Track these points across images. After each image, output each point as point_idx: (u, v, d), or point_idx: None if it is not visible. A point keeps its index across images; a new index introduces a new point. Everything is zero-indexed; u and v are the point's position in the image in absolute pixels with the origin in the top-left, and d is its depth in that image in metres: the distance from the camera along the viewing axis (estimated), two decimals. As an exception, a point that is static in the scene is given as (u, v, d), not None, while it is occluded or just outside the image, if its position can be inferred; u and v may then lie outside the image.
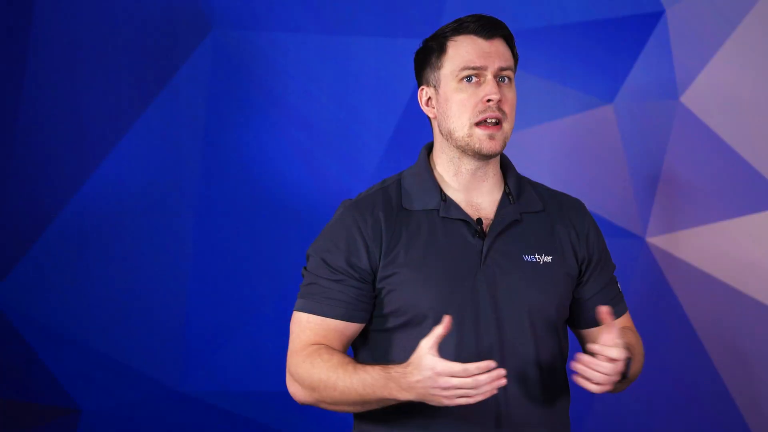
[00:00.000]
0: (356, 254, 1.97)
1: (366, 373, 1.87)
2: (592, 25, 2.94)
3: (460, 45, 2.01)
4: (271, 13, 3.02)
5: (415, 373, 1.80)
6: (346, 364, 1.90)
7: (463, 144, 2.00)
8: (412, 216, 2.01)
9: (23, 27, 3.01)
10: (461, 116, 1.99)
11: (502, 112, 1.98)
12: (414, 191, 2.03)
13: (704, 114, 2.88)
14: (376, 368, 1.87)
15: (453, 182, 2.04)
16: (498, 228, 2.00)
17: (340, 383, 1.88)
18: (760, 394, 2.90)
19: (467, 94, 1.99)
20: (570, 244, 2.06)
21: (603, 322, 1.90)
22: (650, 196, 2.92)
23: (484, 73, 1.99)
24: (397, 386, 1.83)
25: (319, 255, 2.00)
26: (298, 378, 1.94)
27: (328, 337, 1.97)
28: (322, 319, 1.97)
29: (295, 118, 3.02)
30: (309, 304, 1.98)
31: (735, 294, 2.88)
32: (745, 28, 2.85)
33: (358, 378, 1.87)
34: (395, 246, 1.97)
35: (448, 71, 2.01)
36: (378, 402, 1.88)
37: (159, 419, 3.06)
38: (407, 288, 1.96)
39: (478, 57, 1.99)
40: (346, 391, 1.88)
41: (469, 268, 1.97)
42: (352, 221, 2.00)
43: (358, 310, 1.98)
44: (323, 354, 1.93)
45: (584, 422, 2.93)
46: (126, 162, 3.02)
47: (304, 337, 1.97)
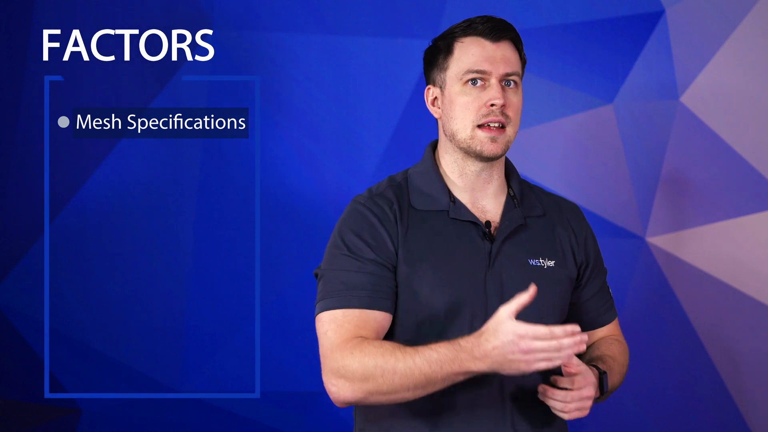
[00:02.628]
0: (383, 245, 1.96)
1: (430, 350, 1.82)
2: (592, 25, 2.93)
3: (466, 47, 2.00)
4: (271, 13, 3.02)
5: (491, 339, 1.77)
6: (403, 347, 1.84)
7: (465, 146, 2.00)
8: (422, 215, 2.00)
9: (23, 26, 3.01)
10: (464, 119, 1.98)
11: (506, 117, 1.98)
12: (423, 191, 2.03)
13: (704, 114, 2.88)
14: (441, 343, 1.83)
15: (459, 182, 2.04)
16: (506, 232, 2.01)
17: (401, 365, 1.82)
18: (760, 394, 2.90)
19: (471, 97, 1.98)
20: (570, 248, 2.07)
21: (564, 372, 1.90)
22: (650, 196, 2.92)
23: (488, 76, 1.98)
24: (469, 356, 1.79)
25: (343, 249, 1.97)
26: (346, 371, 1.86)
27: (367, 329, 1.91)
28: (360, 311, 1.92)
29: (295, 118, 3.02)
30: (343, 299, 1.93)
31: (735, 294, 2.87)
32: (745, 28, 2.85)
33: (421, 357, 1.81)
34: (410, 243, 1.97)
35: (454, 73, 2.01)
36: (444, 379, 1.82)
37: (159, 419, 3.06)
38: (423, 285, 1.95)
39: (483, 60, 1.98)
40: (408, 373, 1.81)
41: (478, 270, 1.97)
42: (372, 214, 1.98)
43: (390, 299, 1.95)
44: (372, 342, 1.87)
45: (584, 422, 2.92)
46: (126, 162, 3.01)
47: (343, 331, 1.91)
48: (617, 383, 2.06)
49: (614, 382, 2.04)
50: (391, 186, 2.05)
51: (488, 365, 1.78)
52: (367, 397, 1.86)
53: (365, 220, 1.98)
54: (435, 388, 1.84)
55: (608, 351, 2.08)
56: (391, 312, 1.95)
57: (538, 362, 1.77)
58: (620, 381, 2.09)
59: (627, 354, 2.13)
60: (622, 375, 2.09)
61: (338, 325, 1.92)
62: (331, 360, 1.89)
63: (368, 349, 1.85)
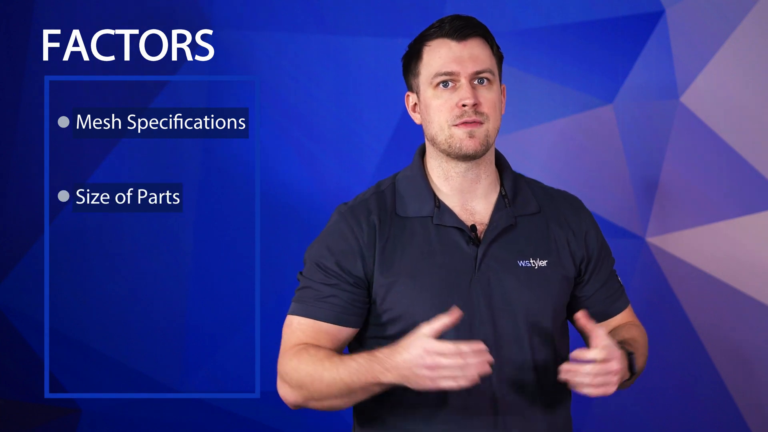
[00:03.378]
0: (351, 260, 1.97)
1: (352, 360, 1.86)
2: (592, 25, 2.93)
3: (433, 50, 1.99)
4: (271, 13, 3.02)
5: (402, 353, 1.79)
6: (332, 356, 1.89)
7: (445, 147, 1.98)
8: (406, 222, 2.00)
9: (23, 26, 3.01)
10: (440, 121, 1.97)
11: (481, 115, 1.96)
12: (408, 197, 2.02)
13: (704, 114, 2.88)
14: (363, 354, 1.86)
15: (444, 186, 2.02)
16: (492, 234, 1.99)
17: (327, 375, 1.87)
18: (760, 394, 2.90)
19: (443, 100, 1.97)
20: (567, 246, 2.05)
21: (584, 329, 1.88)
22: (650, 196, 2.92)
23: (458, 77, 1.96)
24: (381, 367, 1.82)
25: (314, 260, 2.00)
26: (286, 377, 1.94)
27: (319, 340, 1.96)
28: (313, 321, 1.97)
29: (295, 118, 3.02)
30: (301, 307, 1.98)
31: (735, 294, 2.87)
32: (745, 28, 2.85)
33: (345, 366, 1.86)
34: (390, 253, 1.97)
35: (425, 78, 2.00)
36: (363, 389, 1.86)
37: (159, 419, 3.06)
38: (402, 297, 1.95)
39: (450, 62, 1.96)
40: (332, 382, 1.86)
41: (463, 276, 1.96)
42: (348, 227, 1.99)
43: (351, 314, 1.97)
44: (310, 350, 1.92)
45: (584, 422, 2.92)
46: (126, 162, 3.02)
47: (294, 338, 1.97)
48: (642, 366, 2.02)
49: (639, 364, 2.00)
50: (376, 194, 2.05)
51: (395, 377, 1.81)
52: (306, 402, 1.94)
53: (339, 233, 1.99)
54: (358, 398, 1.88)
55: (628, 335, 2.04)
56: (353, 326, 1.98)
57: (443, 379, 1.77)
58: (644, 364, 2.04)
59: (646, 337, 2.10)
60: (645, 357, 2.05)
61: (291, 331, 1.98)
62: (280, 364, 1.97)
63: (304, 356, 1.91)
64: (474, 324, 1.94)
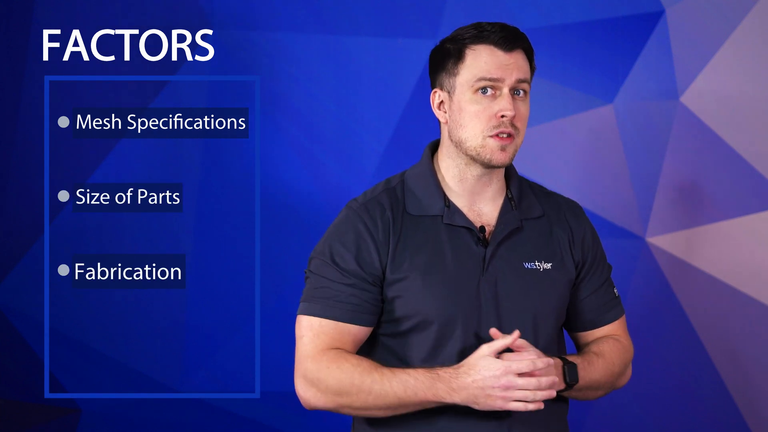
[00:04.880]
0: (368, 257, 1.96)
1: (407, 375, 1.86)
2: (592, 25, 2.94)
3: (478, 54, 1.97)
4: (271, 13, 3.02)
5: (471, 373, 1.82)
6: (380, 368, 1.89)
7: (474, 154, 1.97)
8: (416, 221, 2.00)
9: (23, 26, 3.01)
10: (474, 128, 1.96)
11: (515, 128, 1.96)
12: (418, 195, 2.02)
13: (704, 114, 2.88)
14: (420, 370, 1.87)
15: (456, 187, 2.02)
16: (500, 236, 1.99)
17: (376, 387, 1.87)
18: (759, 394, 2.90)
19: (482, 107, 1.95)
20: (568, 249, 2.05)
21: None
22: (650, 196, 2.92)
23: (500, 85, 1.95)
24: (446, 387, 1.84)
25: (328, 257, 1.98)
26: (320, 383, 1.91)
27: (343, 341, 1.95)
28: (336, 323, 1.95)
29: (295, 118, 3.02)
30: (320, 308, 1.96)
31: (735, 294, 2.87)
32: (745, 28, 2.85)
33: (398, 381, 1.86)
34: (402, 251, 1.96)
35: (464, 80, 1.97)
36: (417, 405, 1.88)
37: (159, 419, 3.06)
38: (413, 294, 1.95)
39: (496, 68, 1.95)
40: (383, 394, 1.87)
41: (472, 276, 1.96)
42: (362, 223, 1.98)
43: (371, 313, 1.97)
44: (350, 358, 1.91)
45: (584, 422, 2.93)
46: (126, 162, 3.02)
47: (319, 342, 1.94)
48: (599, 380, 2.01)
49: (593, 378, 1.99)
50: (387, 190, 2.03)
51: (463, 398, 1.83)
52: (337, 409, 1.93)
53: (353, 230, 1.98)
54: (407, 411, 1.89)
55: (595, 347, 2.04)
56: (371, 325, 1.97)
57: (514, 402, 1.81)
58: (608, 379, 2.03)
59: (625, 353, 2.08)
60: (612, 374, 2.04)
61: (315, 334, 1.95)
62: (305, 368, 1.93)
63: (345, 365, 1.89)
64: (481, 325, 1.94)
